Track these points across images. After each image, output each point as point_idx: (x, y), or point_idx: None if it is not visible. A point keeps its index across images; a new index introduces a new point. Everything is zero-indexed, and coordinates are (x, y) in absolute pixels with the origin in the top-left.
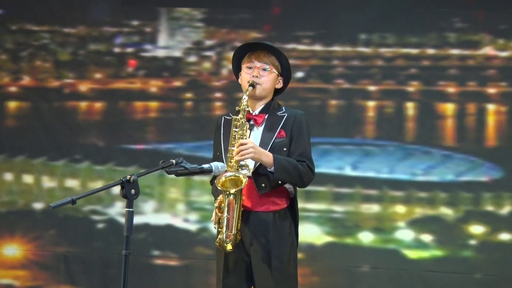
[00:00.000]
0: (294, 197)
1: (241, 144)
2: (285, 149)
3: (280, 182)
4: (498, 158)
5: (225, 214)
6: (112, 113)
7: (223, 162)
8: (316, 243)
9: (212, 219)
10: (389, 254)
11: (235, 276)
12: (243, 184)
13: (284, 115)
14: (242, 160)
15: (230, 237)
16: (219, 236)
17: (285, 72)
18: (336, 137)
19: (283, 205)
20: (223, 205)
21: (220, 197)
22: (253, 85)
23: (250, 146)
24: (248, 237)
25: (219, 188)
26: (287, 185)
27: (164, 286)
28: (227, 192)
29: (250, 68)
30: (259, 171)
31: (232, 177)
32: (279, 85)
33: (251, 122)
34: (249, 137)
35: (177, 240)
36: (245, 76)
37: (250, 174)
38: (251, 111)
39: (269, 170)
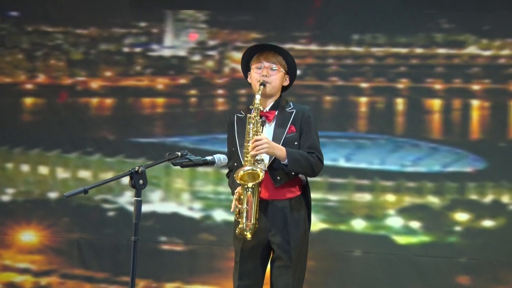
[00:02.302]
0: (306, 184)
1: (256, 140)
2: (296, 143)
3: (293, 173)
4: (482, 150)
5: (245, 205)
6: (122, 109)
7: (239, 157)
8: (312, 230)
9: (232, 210)
10: (380, 239)
11: (252, 259)
12: (260, 178)
13: (293, 111)
14: (258, 154)
15: (249, 226)
16: (239, 226)
17: (291, 70)
18: (330, 131)
19: (297, 193)
20: (242, 197)
21: (239, 189)
22: (263, 84)
23: (265, 141)
24: (267, 224)
25: (238, 182)
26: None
27: (170, 270)
28: (246, 186)
29: (259, 68)
30: (274, 166)
31: (250, 171)
32: (286, 82)
33: (263, 119)
34: (262, 133)
35: (183, 227)
36: (255, 76)
37: (265, 168)
38: (261, 108)
39: (283, 163)
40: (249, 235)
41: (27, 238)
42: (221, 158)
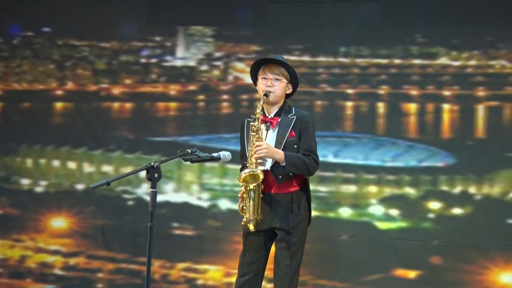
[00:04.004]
0: (306, 179)
1: (257, 146)
2: (295, 146)
3: (291, 174)
4: (452, 147)
5: (247, 202)
6: (139, 112)
7: (247, 157)
8: None
9: (238, 205)
10: (364, 225)
11: (256, 241)
12: (260, 178)
13: (294, 118)
14: (259, 158)
15: (252, 220)
16: (243, 220)
17: (293, 79)
18: (321, 131)
19: (298, 187)
20: (245, 195)
21: (243, 188)
22: (266, 94)
23: (265, 146)
24: (271, 213)
25: (240, 183)
26: None
27: (182, 252)
28: (248, 188)
29: (264, 79)
30: (275, 167)
31: (251, 172)
32: (289, 90)
33: (268, 124)
34: (266, 137)
35: (192, 215)
36: (261, 86)
37: (269, 168)
38: (267, 114)
39: (282, 165)
40: (251, 227)
41: (57, 224)
42: (225, 154)
